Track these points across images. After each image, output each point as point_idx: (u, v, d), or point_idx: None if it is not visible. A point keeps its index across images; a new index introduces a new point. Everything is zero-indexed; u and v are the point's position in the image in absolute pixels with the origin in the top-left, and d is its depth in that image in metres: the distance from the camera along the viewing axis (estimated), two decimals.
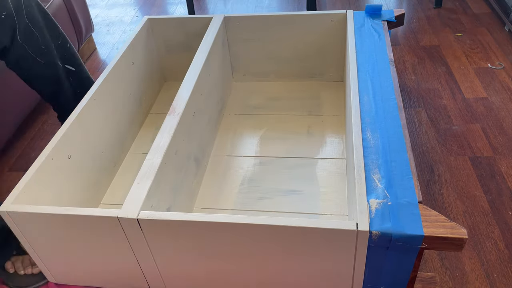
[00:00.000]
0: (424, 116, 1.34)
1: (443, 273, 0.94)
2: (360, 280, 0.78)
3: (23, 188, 0.83)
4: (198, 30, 1.33)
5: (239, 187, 1.08)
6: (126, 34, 1.98)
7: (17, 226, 0.82)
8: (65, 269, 0.90)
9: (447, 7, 1.91)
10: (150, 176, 0.82)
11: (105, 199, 1.09)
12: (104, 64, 1.79)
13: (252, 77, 1.44)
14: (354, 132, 0.88)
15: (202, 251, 0.79)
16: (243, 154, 1.17)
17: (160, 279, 0.87)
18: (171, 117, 0.95)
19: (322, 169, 1.10)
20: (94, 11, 2.22)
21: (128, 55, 1.20)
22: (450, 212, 1.06)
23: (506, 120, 1.30)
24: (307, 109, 1.30)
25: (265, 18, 1.29)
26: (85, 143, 1.01)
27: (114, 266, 0.86)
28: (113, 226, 0.77)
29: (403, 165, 0.80)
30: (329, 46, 1.32)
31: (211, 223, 0.73)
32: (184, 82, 1.04)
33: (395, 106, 0.93)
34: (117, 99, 1.14)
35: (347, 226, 0.69)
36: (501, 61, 1.54)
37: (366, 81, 1.01)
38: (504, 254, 0.96)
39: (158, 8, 2.18)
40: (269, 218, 0.72)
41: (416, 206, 0.73)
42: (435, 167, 1.17)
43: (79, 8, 1.68)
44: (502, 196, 1.08)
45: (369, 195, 0.75)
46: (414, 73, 1.53)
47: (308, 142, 1.18)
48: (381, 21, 1.23)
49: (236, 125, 1.28)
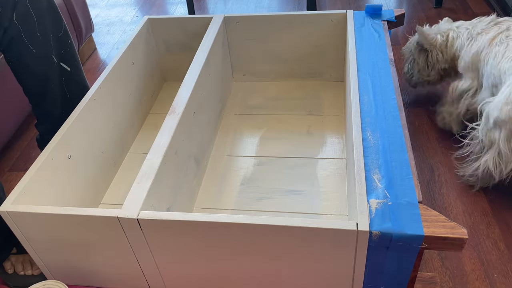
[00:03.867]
0: (424, 116, 1.34)
1: (443, 273, 0.94)
2: (360, 280, 0.78)
3: (23, 188, 0.83)
4: (198, 30, 1.33)
5: (239, 187, 1.08)
6: (126, 34, 1.98)
7: (17, 226, 0.82)
8: (65, 269, 0.90)
9: (447, 7, 1.91)
10: (150, 176, 0.82)
11: (105, 199, 1.09)
12: (104, 64, 1.78)
13: (252, 77, 1.44)
14: (354, 132, 0.88)
15: (202, 251, 0.79)
16: (243, 154, 1.17)
17: (160, 279, 0.87)
18: (171, 117, 0.95)
19: (322, 169, 1.10)
20: (94, 11, 2.22)
21: (128, 55, 1.20)
22: (450, 212, 1.05)
23: None
24: (307, 109, 1.30)
25: (265, 18, 1.29)
26: (85, 143, 1.01)
27: (114, 266, 0.86)
28: (113, 226, 0.77)
29: (403, 165, 0.80)
30: (329, 46, 1.32)
31: (211, 223, 0.73)
32: (184, 82, 1.04)
33: (395, 106, 0.93)
34: (117, 99, 1.14)
35: (347, 226, 0.69)
36: None
37: (366, 81, 1.01)
38: (504, 254, 0.96)
39: (158, 8, 2.17)
40: (269, 218, 0.72)
41: (416, 206, 0.72)
42: (435, 167, 1.17)
43: (79, 8, 1.68)
44: (502, 196, 1.08)
45: (369, 195, 0.75)
46: None
47: (308, 142, 1.18)
48: (381, 21, 1.23)
49: (236, 125, 1.28)
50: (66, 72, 1.05)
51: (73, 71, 1.06)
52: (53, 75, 1.02)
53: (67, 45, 1.05)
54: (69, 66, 1.05)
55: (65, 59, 1.04)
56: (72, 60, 1.06)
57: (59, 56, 1.02)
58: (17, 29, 0.94)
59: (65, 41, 1.04)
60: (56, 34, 1.01)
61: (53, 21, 1.00)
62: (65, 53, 1.04)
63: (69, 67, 1.05)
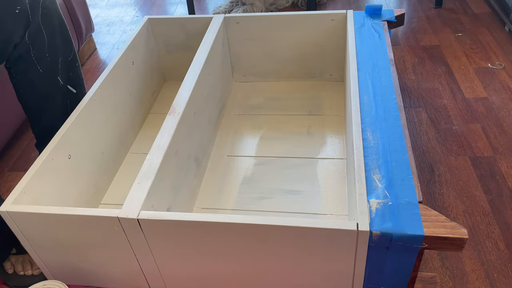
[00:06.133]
0: (424, 116, 1.34)
1: (443, 273, 0.94)
2: (360, 280, 0.77)
3: (23, 188, 0.83)
4: (198, 30, 1.33)
5: (239, 187, 1.08)
6: (126, 34, 1.98)
7: (17, 226, 0.82)
8: (65, 269, 0.90)
9: (447, 7, 1.91)
10: (150, 176, 0.82)
11: (105, 199, 1.09)
12: (104, 64, 1.78)
13: (252, 77, 1.44)
14: (354, 132, 0.88)
15: (202, 251, 0.79)
16: (243, 154, 1.17)
17: (160, 279, 0.87)
18: (171, 117, 0.95)
19: (322, 169, 1.10)
20: (94, 11, 2.22)
21: (128, 55, 1.20)
22: (450, 212, 1.05)
23: (506, 120, 1.30)
24: (307, 109, 1.30)
25: (265, 18, 1.29)
26: (85, 143, 1.01)
27: (114, 266, 0.86)
28: (113, 226, 0.77)
29: (403, 165, 0.80)
30: (329, 46, 1.32)
31: (211, 223, 0.73)
32: (184, 82, 1.04)
33: (395, 106, 0.93)
34: (117, 99, 1.14)
35: (347, 226, 0.69)
36: (501, 61, 1.54)
37: (366, 81, 1.01)
38: (504, 254, 0.96)
39: (158, 8, 2.17)
40: (269, 218, 0.72)
41: (416, 206, 0.72)
42: (435, 167, 1.17)
43: (79, 8, 1.68)
44: (502, 196, 1.08)
45: (369, 195, 0.75)
46: (414, 73, 1.53)
47: (308, 142, 1.18)
48: (381, 21, 1.23)
49: (236, 125, 1.28)
50: (72, 94, 1.06)
51: (78, 92, 1.08)
52: (56, 96, 1.02)
53: (75, 68, 1.06)
54: (75, 88, 1.07)
55: (72, 82, 1.05)
56: (78, 82, 1.08)
57: (66, 78, 1.03)
58: (27, 47, 0.94)
59: (74, 63, 1.05)
60: (66, 57, 1.02)
61: (63, 43, 1.01)
62: (72, 76, 1.05)
63: (75, 89, 1.07)
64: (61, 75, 1.02)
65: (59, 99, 1.03)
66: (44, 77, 0.99)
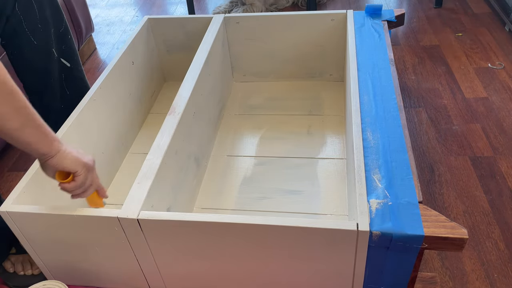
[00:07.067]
0: (424, 116, 1.34)
1: (444, 273, 0.94)
2: (360, 280, 0.77)
3: (23, 188, 0.83)
4: (198, 30, 1.33)
5: (239, 187, 1.08)
6: (126, 34, 1.98)
7: (17, 226, 0.82)
8: (65, 269, 0.90)
9: (448, 7, 1.91)
10: (150, 176, 0.82)
11: (105, 199, 1.09)
12: (104, 64, 1.78)
13: (252, 77, 1.44)
14: (354, 132, 0.87)
15: (202, 251, 0.79)
16: (243, 154, 1.17)
17: (160, 279, 0.87)
18: (171, 117, 0.95)
19: (322, 169, 1.10)
20: (94, 11, 2.22)
21: (128, 55, 1.20)
22: (450, 212, 1.05)
23: (506, 120, 1.30)
24: (307, 109, 1.30)
25: (265, 18, 1.29)
26: (85, 143, 1.01)
27: (114, 266, 0.86)
28: (113, 226, 0.77)
29: (403, 165, 0.80)
30: (329, 46, 1.32)
31: (211, 223, 0.73)
32: (184, 82, 1.04)
33: (395, 106, 0.93)
34: (117, 99, 1.14)
35: (347, 226, 0.69)
36: (501, 61, 1.54)
37: (366, 81, 1.01)
38: (504, 254, 0.96)
39: (158, 8, 2.17)
40: (269, 218, 0.72)
41: (416, 206, 0.72)
42: (435, 167, 1.17)
43: (79, 8, 1.68)
44: (502, 196, 1.08)
45: (369, 195, 0.75)
46: (414, 73, 1.53)
47: (308, 142, 1.18)
48: (381, 21, 1.23)
49: (236, 125, 1.28)
50: (66, 68, 1.05)
51: (73, 67, 1.06)
52: (53, 70, 1.02)
53: (68, 41, 1.05)
54: (69, 62, 1.05)
55: (65, 55, 1.04)
56: (72, 56, 1.06)
57: (59, 51, 1.02)
58: (19, 19, 0.94)
59: (66, 36, 1.04)
60: (57, 29, 1.01)
61: (54, 14, 1.01)
62: (65, 49, 1.04)
63: (69, 63, 1.05)
64: (55, 47, 1.01)
65: (55, 74, 1.02)
66: (39, 50, 0.99)
